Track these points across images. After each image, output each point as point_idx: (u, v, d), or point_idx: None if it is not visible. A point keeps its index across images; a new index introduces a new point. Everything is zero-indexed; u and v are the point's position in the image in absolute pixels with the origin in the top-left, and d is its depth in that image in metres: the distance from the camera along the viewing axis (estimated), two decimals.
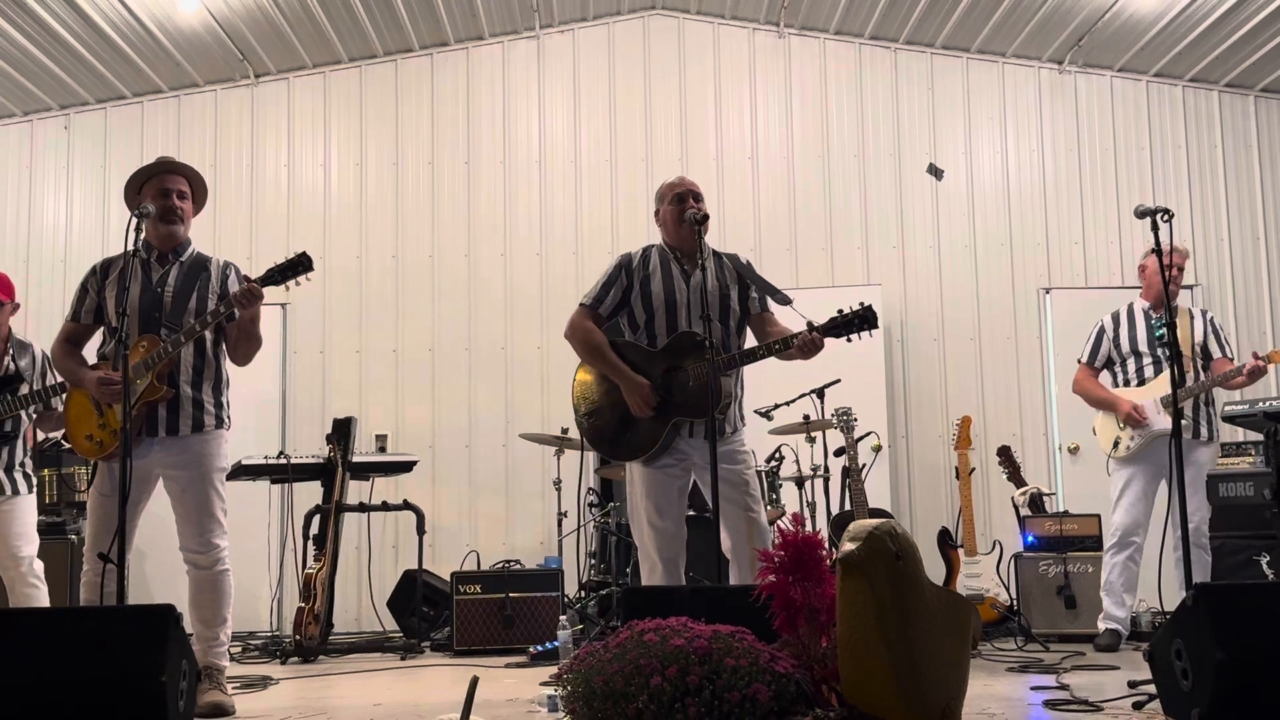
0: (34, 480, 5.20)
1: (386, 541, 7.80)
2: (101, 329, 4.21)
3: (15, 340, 5.21)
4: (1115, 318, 5.77)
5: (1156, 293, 5.63)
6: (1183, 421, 5.39)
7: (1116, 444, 5.57)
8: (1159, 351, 5.56)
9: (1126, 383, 5.66)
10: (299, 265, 3.99)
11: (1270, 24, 7.46)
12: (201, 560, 4.06)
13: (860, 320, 4.04)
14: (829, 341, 4.12)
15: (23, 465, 5.11)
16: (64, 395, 4.94)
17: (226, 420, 4.21)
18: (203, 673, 3.85)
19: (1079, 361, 5.86)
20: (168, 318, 4.05)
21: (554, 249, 8.25)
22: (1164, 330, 5.54)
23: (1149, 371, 5.60)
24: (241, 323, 4.10)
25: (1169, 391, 5.35)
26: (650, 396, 4.16)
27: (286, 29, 7.77)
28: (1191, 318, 5.61)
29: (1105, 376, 5.81)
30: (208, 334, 4.09)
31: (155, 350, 3.97)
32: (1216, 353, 5.57)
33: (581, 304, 4.40)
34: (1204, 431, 5.49)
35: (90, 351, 4.29)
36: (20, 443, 5.11)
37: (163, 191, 4.12)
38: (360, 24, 7.87)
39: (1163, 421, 5.39)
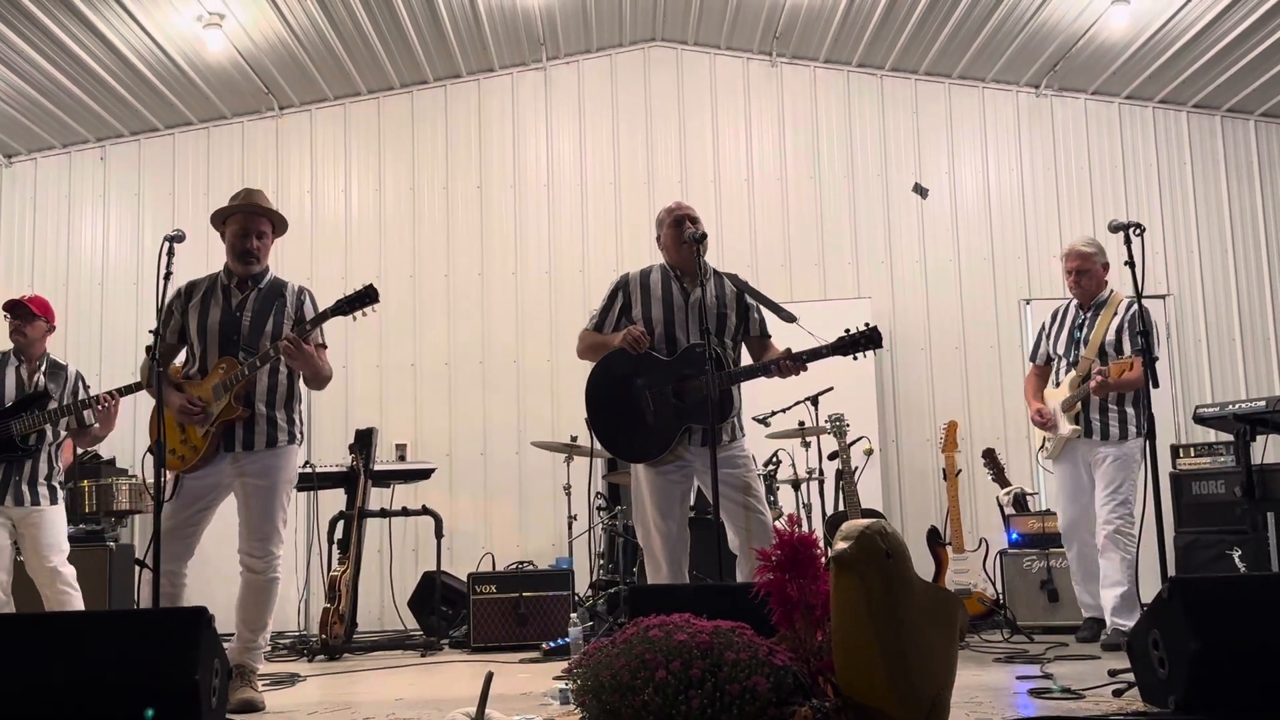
0: (60, 492, 5.13)
1: (406, 545, 7.80)
2: (185, 349, 4.20)
3: (51, 361, 5.20)
4: (1054, 316, 5.50)
5: (1080, 291, 5.36)
6: (1086, 423, 5.24)
7: (1043, 444, 5.43)
8: (1073, 353, 5.30)
9: (1055, 384, 5.41)
10: (365, 297, 4.01)
11: (1233, 50, 7.47)
12: (256, 565, 4.05)
13: (865, 340, 4.04)
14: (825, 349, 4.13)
15: (49, 479, 5.05)
16: (89, 409, 4.98)
17: (299, 435, 4.23)
18: (236, 670, 3.84)
19: None
20: (245, 341, 4.06)
21: (562, 267, 8.26)
22: (1081, 330, 5.32)
23: (1063, 372, 5.36)
24: (294, 365, 4.09)
25: (1069, 394, 5.28)
26: (642, 334, 4.19)
27: (308, 64, 7.80)
28: (1115, 314, 5.23)
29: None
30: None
31: (233, 373, 3.99)
32: (1128, 351, 5.10)
33: (585, 327, 4.49)
34: (1113, 432, 5.13)
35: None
36: (48, 457, 5.05)
37: (244, 232, 4.13)
38: (378, 58, 7.90)
39: (1064, 426, 5.23)
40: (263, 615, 4.07)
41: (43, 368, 5.14)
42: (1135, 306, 4.92)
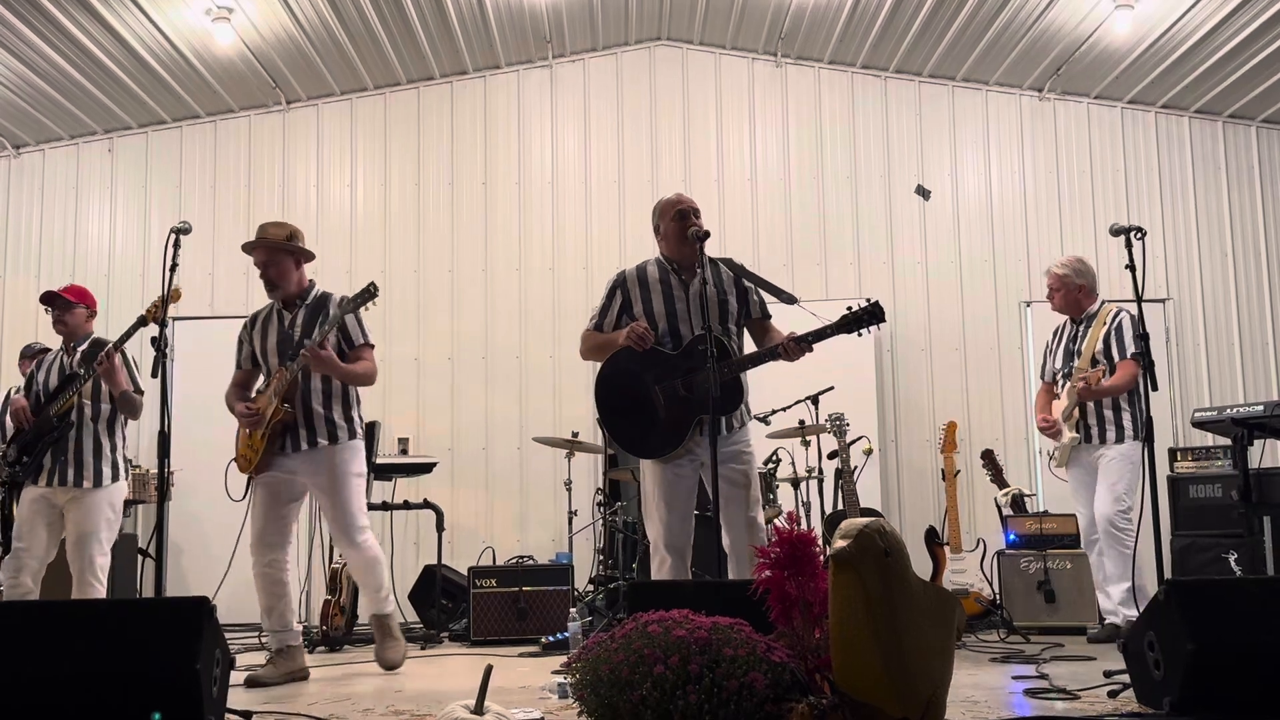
0: (110, 472, 5.03)
1: (408, 538, 7.81)
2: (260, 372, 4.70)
3: (94, 340, 5.19)
4: (1054, 333, 5.66)
5: (1057, 308, 5.54)
6: (1085, 430, 5.31)
7: (1052, 454, 5.55)
8: (1069, 365, 5.44)
9: (1057, 396, 5.52)
10: (366, 294, 4.46)
11: (1235, 56, 7.47)
12: (350, 553, 4.61)
13: (869, 316, 4.01)
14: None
15: (97, 456, 4.99)
16: (92, 374, 4.97)
17: (358, 432, 4.64)
18: (374, 622, 4.69)
19: None
20: (295, 352, 4.47)
21: (565, 264, 8.26)
22: (1074, 343, 5.46)
23: (1062, 385, 5.48)
24: (318, 371, 4.48)
25: (1066, 404, 5.38)
26: (646, 331, 4.17)
27: (316, 59, 7.80)
28: (1104, 325, 5.36)
29: None
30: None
31: (282, 378, 4.46)
32: (1117, 357, 5.27)
33: (586, 328, 4.45)
34: (1109, 435, 5.24)
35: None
36: (94, 435, 5.01)
37: (259, 265, 4.61)
38: (385, 54, 7.90)
39: (1065, 434, 5.36)
40: (376, 578, 4.65)
41: (80, 348, 5.15)
42: (1123, 316, 5.24)
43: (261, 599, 4.47)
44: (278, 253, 4.59)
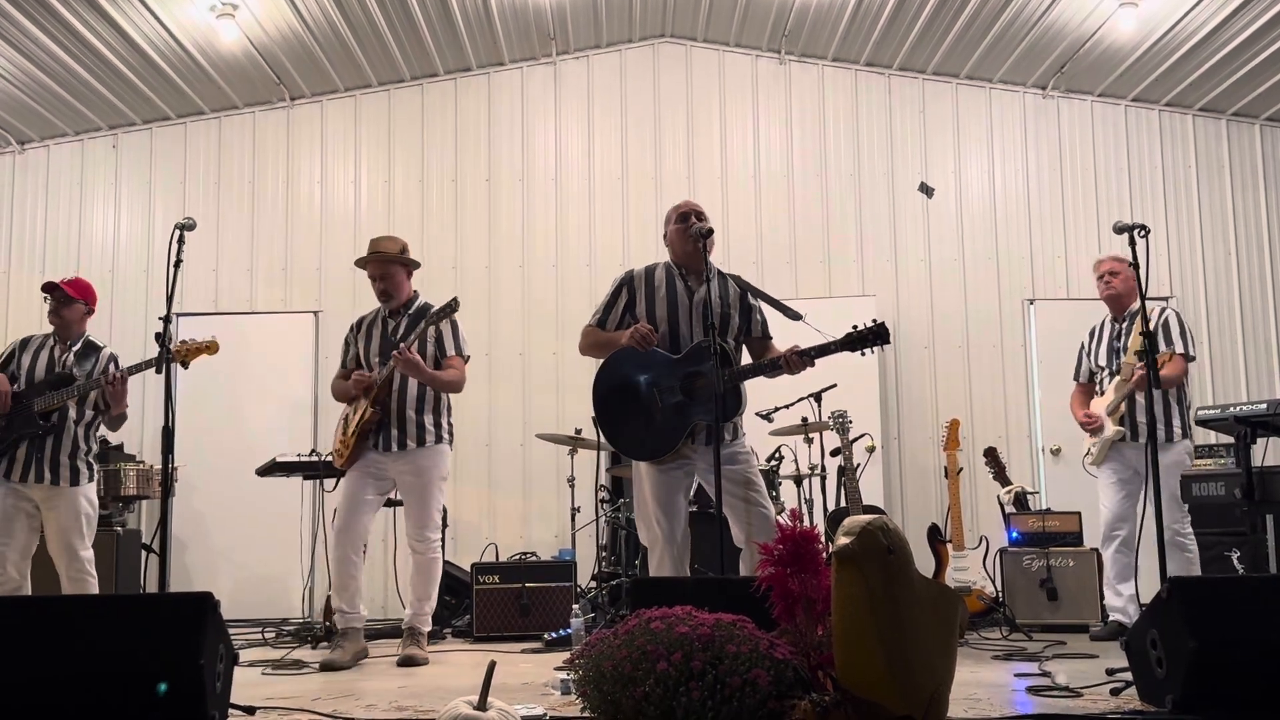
0: (86, 472, 5.02)
1: None
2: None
3: (87, 341, 5.15)
4: (1091, 333, 5.69)
5: (1112, 294, 5.54)
6: (1132, 426, 5.37)
7: (1088, 451, 5.57)
8: (1115, 362, 5.47)
9: (1100, 394, 5.56)
10: (448, 308, 4.85)
11: (1239, 55, 7.46)
12: (417, 547, 4.95)
13: (874, 336, 4.01)
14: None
15: (73, 457, 4.96)
16: (97, 389, 4.96)
17: (448, 437, 5.03)
18: (406, 631, 4.94)
19: None
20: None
21: (569, 261, 8.25)
22: (1118, 339, 5.51)
23: (1107, 381, 5.51)
24: (410, 375, 4.83)
25: (1114, 398, 5.41)
26: (650, 332, 4.17)
27: (320, 55, 7.79)
28: (1148, 322, 5.43)
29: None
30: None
31: (372, 381, 4.83)
32: (1162, 348, 5.27)
33: (588, 323, 4.44)
34: (1159, 434, 5.14)
35: None
36: (72, 436, 4.97)
37: (371, 278, 5.05)
38: (389, 50, 7.89)
39: (1108, 428, 5.40)
40: (427, 588, 4.97)
41: (74, 348, 5.11)
42: (1169, 313, 5.37)
43: (335, 579, 4.85)
44: (392, 265, 4.99)
